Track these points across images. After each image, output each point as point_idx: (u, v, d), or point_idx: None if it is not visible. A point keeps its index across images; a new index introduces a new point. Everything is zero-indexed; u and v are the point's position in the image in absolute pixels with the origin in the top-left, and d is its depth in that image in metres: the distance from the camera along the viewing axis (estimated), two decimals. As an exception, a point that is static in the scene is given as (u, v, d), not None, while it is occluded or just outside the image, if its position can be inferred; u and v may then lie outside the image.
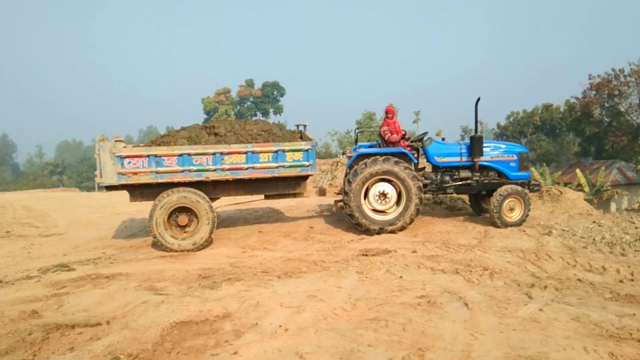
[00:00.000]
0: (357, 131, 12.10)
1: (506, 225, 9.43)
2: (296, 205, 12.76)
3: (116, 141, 8.93)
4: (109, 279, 6.61)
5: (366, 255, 7.56)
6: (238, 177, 8.75)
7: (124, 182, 8.23)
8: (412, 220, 9.45)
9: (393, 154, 9.53)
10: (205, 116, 56.34)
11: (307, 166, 8.97)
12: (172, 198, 8.40)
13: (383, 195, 9.39)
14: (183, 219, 8.57)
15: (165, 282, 6.40)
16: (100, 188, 8.62)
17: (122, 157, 8.15)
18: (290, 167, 8.91)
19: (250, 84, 56.18)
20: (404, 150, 9.65)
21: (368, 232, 9.30)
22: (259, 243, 8.98)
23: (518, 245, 8.07)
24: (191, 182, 8.57)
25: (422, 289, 5.77)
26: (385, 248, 7.98)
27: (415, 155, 9.87)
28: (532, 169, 17.33)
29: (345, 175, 9.80)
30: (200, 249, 8.46)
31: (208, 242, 8.75)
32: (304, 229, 10.12)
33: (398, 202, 9.44)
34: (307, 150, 8.92)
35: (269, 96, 55.98)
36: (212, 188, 8.87)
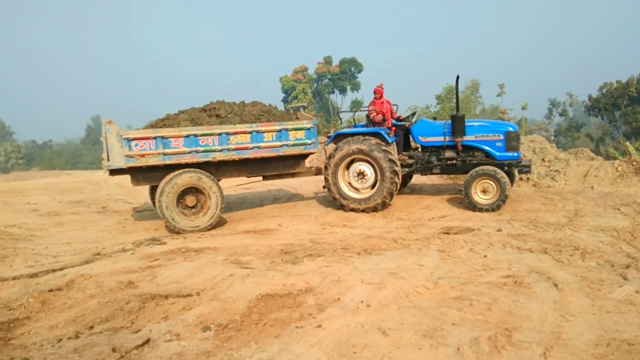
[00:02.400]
0: (338, 113, 12.20)
1: (477, 208, 9.07)
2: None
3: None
4: (197, 252, 6.93)
5: (448, 233, 7.42)
6: (244, 156, 8.85)
7: (131, 164, 8.21)
8: (390, 199, 9.50)
9: (369, 134, 9.68)
10: (283, 95, 56.94)
11: (310, 144, 9.27)
12: (183, 178, 8.44)
13: (362, 174, 9.65)
14: (191, 199, 8.67)
15: (249, 256, 6.62)
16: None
17: (129, 140, 8.12)
18: (293, 145, 9.14)
19: (328, 61, 55.98)
20: (379, 130, 9.68)
21: (347, 209, 9.66)
22: (338, 220, 9.06)
23: (612, 224, 7.61)
24: (198, 163, 8.65)
25: (508, 268, 5.59)
26: (468, 226, 7.79)
27: (391, 135, 9.78)
28: (627, 143, 16.16)
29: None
30: (208, 230, 8.60)
31: (216, 223, 8.86)
32: (384, 206, 10.06)
33: (374, 182, 9.62)
34: (309, 129, 9.22)
35: (347, 73, 55.53)
36: (215, 170, 8.92)
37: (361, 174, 9.64)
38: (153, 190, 9.84)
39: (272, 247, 7.11)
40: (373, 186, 9.64)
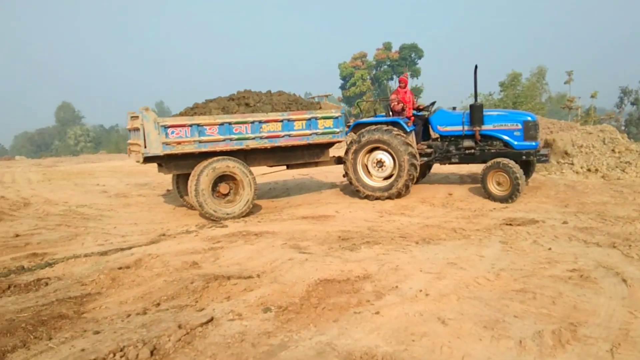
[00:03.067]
0: (358, 102, 12.06)
1: (495, 199, 9.13)
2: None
3: (132, 117, 9.14)
4: (257, 236, 7.08)
5: (510, 224, 7.22)
6: (275, 144, 8.94)
7: (168, 152, 8.20)
8: (406, 188, 9.72)
9: (387, 123, 9.82)
10: (342, 81, 56.83)
11: (338, 133, 9.40)
12: (219, 165, 8.49)
13: (380, 162, 9.81)
14: (225, 187, 8.75)
15: (307, 241, 6.70)
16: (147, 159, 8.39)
17: (166, 127, 8.13)
18: (322, 134, 9.25)
19: (387, 47, 55.25)
20: (397, 120, 9.86)
21: (367, 198, 9.81)
22: (396, 208, 9.00)
23: (689, 220, 7.18)
24: (231, 151, 8.70)
25: (574, 262, 5.39)
26: (531, 218, 7.56)
27: (409, 125, 9.99)
28: None
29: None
30: (241, 217, 8.68)
31: (249, 210, 8.90)
32: (442, 195, 9.92)
33: (393, 170, 9.82)
34: (337, 118, 9.34)
35: (406, 59, 54.63)
36: (244, 158, 8.93)
37: (380, 163, 9.83)
38: (179, 179, 9.90)
39: (329, 233, 7.16)
40: (390, 176, 9.85)
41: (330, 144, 9.88)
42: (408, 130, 9.85)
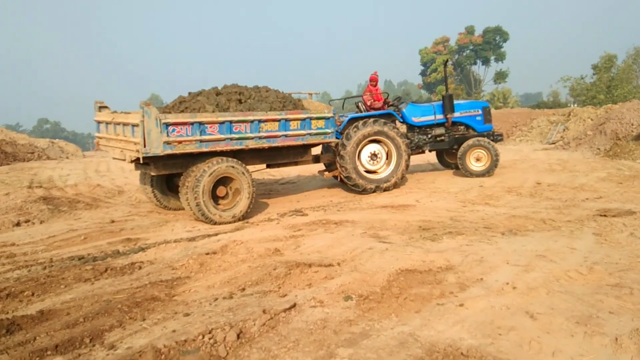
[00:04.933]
0: (330, 102, 11.50)
1: (470, 173, 10.67)
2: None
3: (100, 107, 8.82)
4: (337, 225, 7.12)
5: (605, 215, 6.79)
6: (273, 145, 8.48)
7: (169, 151, 7.44)
8: (402, 176, 10.21)
9: (381, 116, 10.24)
10: (422, 67, 55.71)
11: (329, 133, 9.07)
12: (220, 166, 7.86)
13: (374, 155, 9.99)
14: (222, 190, 8.10)
15: (387, 231, 6.65)
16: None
17: (168, 125, 7.38)
18: (316, 134, 8.91)
19: (470, 30, 53.34)
20: (392, 112, 10.49)
21: (365, 191, 9.78)
22: (480, 198, 8.73)
23: None
24: (231, 151, 8.16)
25: (678, 257, 5.00)
26: (628, 209, 7.07)
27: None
28: None
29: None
30: (238, 221, 8.02)
31: (246, 215, 8.25)
32: (530, 184, 9.52)
33: (387, 161, 10.09)
34: (328, 118, 9.00)
35: (490, 43, 52.47)
36: (232, 157, 8.26)
37: (374, 155, 10.00)
38: (155, 179, 8.92)
39: (409, 222, 7.07)
40: (379, 168, 10.10)
41: (315, 144, 9.53)
42: (400, 121, 10.77)
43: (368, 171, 9.98)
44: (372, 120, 9.93)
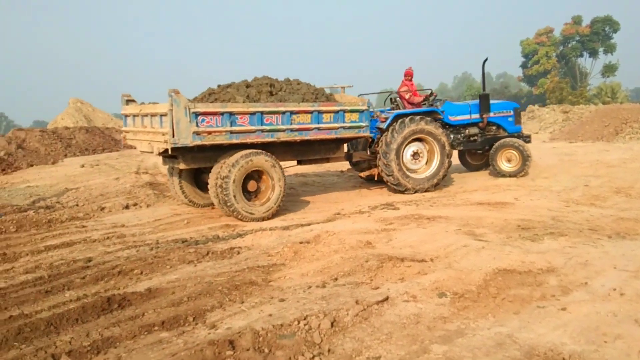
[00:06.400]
0: (359, 96, 10.16)
1: (500, 174, 10.48)
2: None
3: (128, 100, 8.62)
4: (430, 220, 7.02)
5: None
6: (305, 138, 8.10)
7: (198, 142, 7.15)
8: (444, 176, 9.78)
9: (426, 113, 9.79)
10: (523, 59, 53.14)
11: (363, 127, 8.69)
12: (253, 159, 7.55)
13: (416, 154, 9.62)
14: (253, 184, 7.82)
15: (483, 228, 6.46)
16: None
17: (197, 114, 7.09)
18: (349, 128, 8.53)
19: (577, 20, 49.96)
20: (437, 110, 10.08)
21: (407, 191, 9.39)
22: (585, 198, 8.23)
23: None
24: (260, 144, 7.78)
25: None
26: None
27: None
28: None
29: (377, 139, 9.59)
30: (270, 218, 7.76)
31: (276, 212, 7.92)
32: (642, 185, 8.83)
33: (428, 161, 9.73)
34: (363, 111, 8.66)
35: (599, 33, 48.87)
36: (268, 151, 7.93)
37: (416, 154, 9.62)
38: (183, 173, 8.62)
39: (507, 221, 6.82)
40: (421, 167, 9.73)
41: (348, 139, 9.23)
42: (443, 120, 10.29)
43: (409, 170, 9.61)
44: (418, 117, 9.52)
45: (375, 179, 9.90)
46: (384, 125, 9.42)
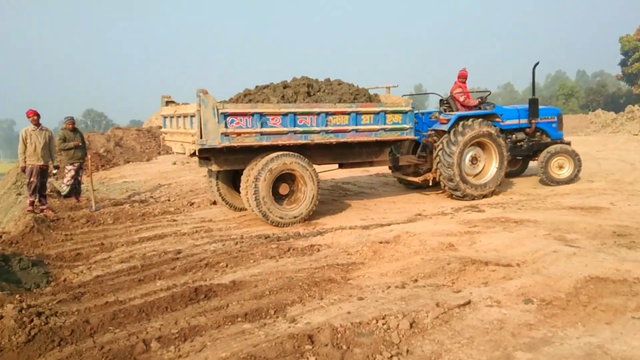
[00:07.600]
0: (403, 96, 9.41)
1: (552, 182, 9.95)
2: None
3: (167, 102, 8.50)
4: (517, 224, 6.74)
5: None
6: (342, 140, 7.72)
7: (227, 144, 6.96)
8: (501, 182, 9.37)
9: (486, 116, 9.38)
10: (622, 57, 49.68)
11: (407, 129, 8.29)
12: (284, 161, 7.30)
13: (474, 159, 9.22)
14: (285, 187, 7.58)
15: (575, 234, 6.11)
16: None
17: (226, 115, 6.91)
18: (391, 130, 8.13)
19: (684, 14, 46.24)
20: (497, 113, 9.72)
21: (466, 197, 8.96)
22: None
23: None
24: (292, 146, 7.50)
25: None
26: None
27: None
28: None
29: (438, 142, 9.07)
30: (302, 222, 7.51)
31: (307, 217, 7.63)
32: None
33: (485, 166, 9.35)
34: (406, 112, 8.22)
35: None
36: (302, 154, 7.61)
37: (474, 159, 9.22)
38: (220, 175, 8.47)
39: (602, 227, 6.41)
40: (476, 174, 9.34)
41: (390, 142, 8.71)
42: (498, 124, 9.78)
43: (468, 175, 9.09)
44: (480, 120, 9.07)
45: (431, 184, 9.41)
46: (445, 127, 8.94)
